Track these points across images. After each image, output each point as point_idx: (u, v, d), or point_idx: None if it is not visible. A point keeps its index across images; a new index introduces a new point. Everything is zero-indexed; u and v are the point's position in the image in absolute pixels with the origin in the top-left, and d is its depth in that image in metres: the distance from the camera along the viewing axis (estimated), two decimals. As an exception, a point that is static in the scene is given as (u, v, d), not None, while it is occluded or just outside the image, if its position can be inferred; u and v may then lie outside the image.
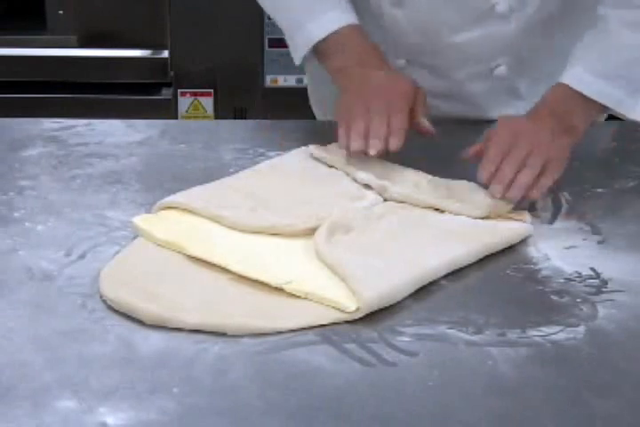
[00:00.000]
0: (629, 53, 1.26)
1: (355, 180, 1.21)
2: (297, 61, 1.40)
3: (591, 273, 1.05)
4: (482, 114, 1.47)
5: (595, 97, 1.25)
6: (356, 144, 1.22)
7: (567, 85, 1.26)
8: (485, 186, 1.17)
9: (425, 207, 1.16)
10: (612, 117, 1.46)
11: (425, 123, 1.28)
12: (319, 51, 1.37)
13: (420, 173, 1.23)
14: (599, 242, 1.12)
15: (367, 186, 1.20)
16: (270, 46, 2.56)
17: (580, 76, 1.26)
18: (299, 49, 1.38)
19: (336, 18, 1.35)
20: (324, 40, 1.35)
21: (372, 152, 1.21)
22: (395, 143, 1.21)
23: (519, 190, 1.16)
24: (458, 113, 1.47)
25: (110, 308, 0.96)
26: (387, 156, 1.25)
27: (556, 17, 1.40)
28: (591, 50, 1.28)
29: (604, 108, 1.28)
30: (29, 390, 0.84)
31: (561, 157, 1.21)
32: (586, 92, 1.25)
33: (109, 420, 0.80)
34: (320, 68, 1.41)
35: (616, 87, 1.25)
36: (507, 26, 1.38)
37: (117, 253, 1.06)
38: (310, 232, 1.08)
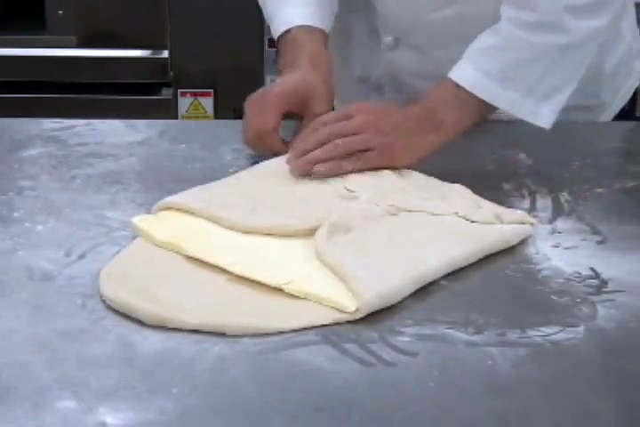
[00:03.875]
0: (516, 54, 1.21)
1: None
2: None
3: (591, 273, 1.05)
4: None
5: (483, 96, 1.21)
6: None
7: (452, 81, 1.23)
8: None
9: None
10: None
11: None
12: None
13: (413, 173, 1.23)
14: (599, 242, 1.12)
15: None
16: (270, 46, 2.56)
17: (469, 73, 1.22)
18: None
19: (293, 15, 1.34)
20: (280, 37, 1.35)
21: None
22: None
23: (303, 164, 1.16)
24: None
25: (110, 308, 0.96)
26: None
27: None
28: (481, 48, 1.23)
29: (486, 108, 1.23)
30: (29, 390, 0.84)
31: (399, 149, 1.18)
32: (473, 90, 1.21)
33: (109, 420, 0.80)
34: None
35: (507, 89, 1.20)
36: (481, 5, 1.36)
37: (117, 253, 1.06)
38: (310, 232, 1.08)
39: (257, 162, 1.29)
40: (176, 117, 2.63)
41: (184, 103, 2.64)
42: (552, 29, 1.18)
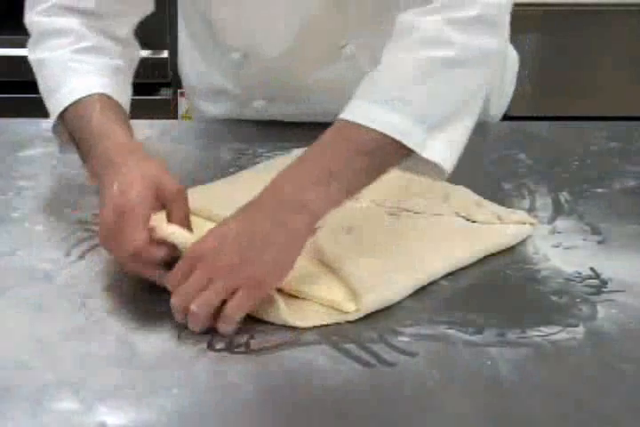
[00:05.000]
0: (399, 72, 1.04)
1: None
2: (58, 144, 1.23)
3: (591, 273, 1.05)
4: None
5: (372, 125, 1.00)
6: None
7: (333, 130, 1.01)
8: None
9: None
10: (609, 119, 1.46)
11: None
12: (68, 127, 1.17)
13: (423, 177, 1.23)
14: (599, 242, 1.12)
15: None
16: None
17: (353, 105, 1.02)
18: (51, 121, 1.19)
19: (88, 84, 1.16)
20: (72, 111, 1.15)
21: None
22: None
23: (196, 323, 0.93)
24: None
25: (110, 308, 0.96)
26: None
27: None
28: (365, 82, 1.06)
29: (381, 145, 1.00)
30: (29, 390, 0.84)
31: (264, 272, 0.94)
32: (358, 120, 1.00)
33: (109, 420, 0.80)
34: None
35: (391, 111, 1.00)
36: (357, 63, 1.33)
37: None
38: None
39: (257, 162, 1.29)
40: (176, 117, 2.63)
41: (184, 103, 2.63)
42: (436, 44, 1.04)
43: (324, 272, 1.01)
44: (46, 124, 1.20)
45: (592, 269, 1.06)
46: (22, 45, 1.28)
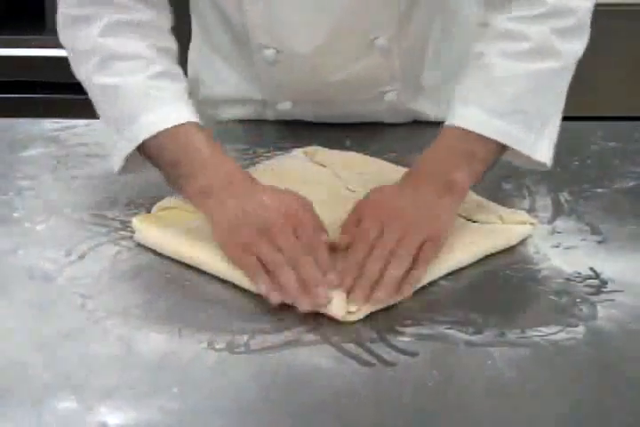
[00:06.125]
0: (516, 85, 1.12)
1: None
2: (116, 166, 1.16)
3: (591, 273, 1.05)
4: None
5: (493, 136, 1.10)
6: (304, 304, 0.96)
7: (457, 129, 1.11)
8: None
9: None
10: (609, 119, 1.46)
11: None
12: (150, 152, 1.14)
13: None
14: (599, 242, 1.12)
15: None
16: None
17: (473, 115, 1.11)
18: (124, 147, 1.14)
19: (178, 110, 1.14)
20: (159, 137, 1.12)
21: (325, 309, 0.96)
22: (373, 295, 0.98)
23: (386, 290, 0.97)
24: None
25: (110, 308, 0.96)
26: (382, 156, 1.25)
27: (437, 35, 1.38)
28: (477, 87, 1.14)
29: (494, 152, 1.13)
30: (29, 390, 0.84)
31: (439, 227, 1.05)
32: (483, 132, 1.10)
33: (109, 420, 0.80)
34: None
35: (512, 123, 1.11)
36: (389, 57, 1.34)
37: (117, 253, 1.06)
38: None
39: (257, 162, 1.29)
40: (176, 117, 2.62)
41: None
42: (545, 55, 1.14)
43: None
44: (47, 124, 1.20)
45: (592, 269, 1.06)
46: (22, 45, 1.28)
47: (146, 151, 1.13)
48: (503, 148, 1.13)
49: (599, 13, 1.21)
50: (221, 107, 1.47)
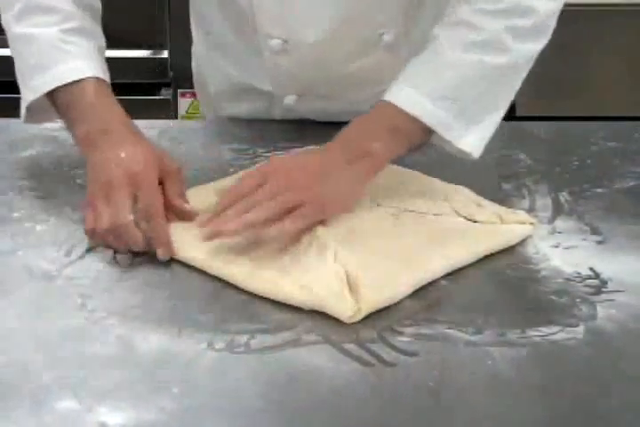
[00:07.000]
0: (458, 73, 1.13)
1: None
2: (22, 115, 1.24)
3: (590, 273, 1.05)
4: None
5: (420, 117, 1.12)
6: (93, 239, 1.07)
7: (389, 105, 1.14)
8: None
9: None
10: (609, 119, 1.46)
11: (183, 206, 1.10)
12: (54, 103, 1.20)
13: (415, 174, 1.23)
14: (599, 242, 1.12)
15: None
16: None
17: (408, 94, 1.13)
18: (27, 97, 1.21)
19: (84, 67, 1.18)
20: (64, 90, 1.17)
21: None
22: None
23: (235, 226, 1.03)
24: None
25: (110, 308, 0.96)
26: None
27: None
28: (421, 69, 1.16)
29: (420, 134, 1.14)
30: (29, 390, 0.84)
31: (327, 193, 1.07)
32: (411, 111, 1.12)
33: (109, 420, 0.80)
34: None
35: (442, 108, 1.12)
36: (395, 54, 1.35)
37: (117, 253, 1.06)
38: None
39: (257, 162, 1.29)
40: (176, 118, 2.63)
41: (184, 103, 2.63)
42: (494, 50, 1.13)
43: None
44: (47, 124, 1.20)
45: (592, 269, 1.06)
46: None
47: (51, 102, 1.19)
48: (430, 131, 1.14)
49: (599, 13, 1.22)
50: (229, 101, 1.48)
